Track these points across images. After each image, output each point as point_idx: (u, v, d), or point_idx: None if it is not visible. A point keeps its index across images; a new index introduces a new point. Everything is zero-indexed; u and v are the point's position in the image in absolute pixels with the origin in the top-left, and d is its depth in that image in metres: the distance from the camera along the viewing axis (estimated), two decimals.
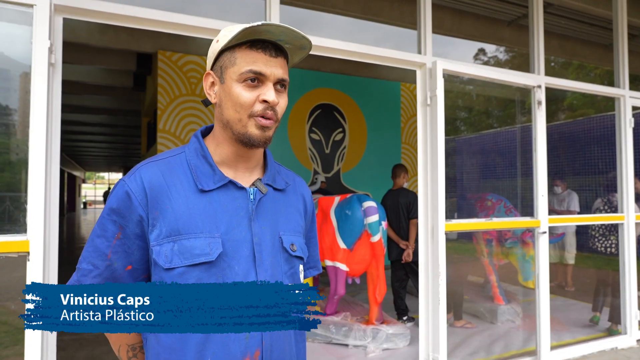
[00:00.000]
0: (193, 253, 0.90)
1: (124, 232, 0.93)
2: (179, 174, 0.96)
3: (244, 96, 0.92)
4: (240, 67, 0.93)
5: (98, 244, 0.93)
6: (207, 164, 0.97)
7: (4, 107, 2.31)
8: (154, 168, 0.96)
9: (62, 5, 2.14)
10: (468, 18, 4.76)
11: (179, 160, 0.98)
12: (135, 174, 0.95)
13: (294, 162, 6.83)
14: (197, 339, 0.89)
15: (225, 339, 0.89)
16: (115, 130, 14.02)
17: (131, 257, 0.94)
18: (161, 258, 0.91)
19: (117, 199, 0.93)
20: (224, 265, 0.91)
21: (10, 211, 2.11)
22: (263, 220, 0.98)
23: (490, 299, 4.88)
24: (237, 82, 0.93)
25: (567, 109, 8.98)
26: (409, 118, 7.93)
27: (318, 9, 4.15)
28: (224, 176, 0.97)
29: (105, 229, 0.93)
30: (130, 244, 0.94)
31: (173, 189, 0.94)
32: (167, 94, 5.97)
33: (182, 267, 0.89)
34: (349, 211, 4.02)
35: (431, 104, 3.17)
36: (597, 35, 5.27)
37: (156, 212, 0.92)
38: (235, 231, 0.94)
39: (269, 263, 0.97)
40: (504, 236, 4.83)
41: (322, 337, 4.02)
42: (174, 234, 0.91)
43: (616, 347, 3.94)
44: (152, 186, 0.93)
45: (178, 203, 0.93)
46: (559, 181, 6.04)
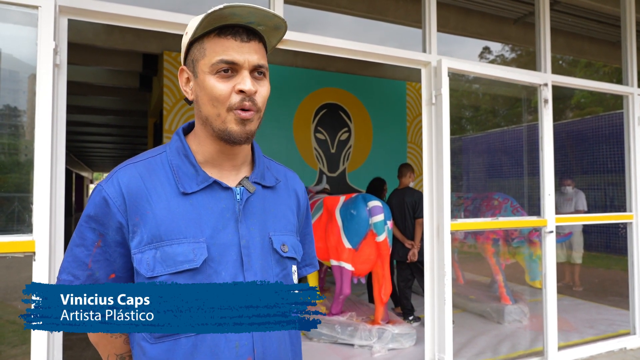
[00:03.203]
0: (176, 260, 0.85)
1: (104, 239, 0.88)
2: (159, 176, 0.90)
3: (218, 88, 0.86)
4: (211, 58, 0.86)
5: (77, 253, 0.89)
6: (190, 164, 0.91)
7: (12, 109, 2.33)
8: (132, 170, 0.90)
9: (67, 6, 2.15)
10: (473, 16, 4.73)
11: (159, 161, 0.93)
12: (112, 178, 0.89)
13: (299, 162, 6.83)
14: (184, 349, 0.84)
15: (214, 348, 0.85)
16: (122, 131, 14.10)
17: (113, 265, 0.89)
18: (143, 266, 0.85)
19: (94, 206, 0.88)
20: (209, 271, 0.86)
21: (18, 211, 2.12)
22: (251, 221, 0.93)
23: (497, 298, 4.85)
24: (210, 74, 0.86)
25: (575, 107, 8.90)
26: (414, 117, 7.90)
27: (323, 9, 4.15)
28: (208, 177, 0.91)
29: (84, 237, 0.88)
30: (112, 252, 0.89)
31: (153, 192, 0.88)
32: (173, 95, 5.99)
33: (165, 275, 0.84)
34: (354, 211, 4.01)
35: (436, 102, 3.15)
36: (604, 33, 5.22)
37: (136, 217, 0.87)
38: (221, 234, 0.89)
39: (259, 266, 0.91)
40: (510, 236, 4.80)
41: (328, 337, 4.02)
42: (155, 240, 0.86)
43: (625, 347, 3.90)
44: (131, 190, 0.88)
45: (159, 207, 0.87)
46: (569, 181, 5.99)
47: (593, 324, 4.51)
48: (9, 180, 2.27)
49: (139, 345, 0.88)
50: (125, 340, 0.97)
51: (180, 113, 6.02)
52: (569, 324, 4.53)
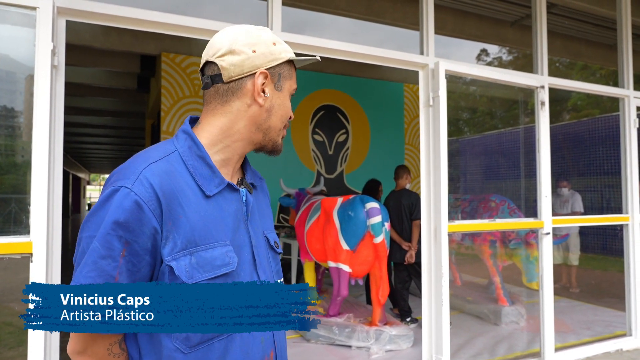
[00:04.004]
0: (214, 264, 0.84)
1: (130, 248, 0.79)
2: (183, 177, 0.86)
3: (290, 110, 1.01)
4: (293, 84, 1.00)
5: (104, 266, 0.78)
6: (206, 165, 0.89)
7: (9, 110, 2.33)
8: (158, 169, 0.83)
9: (65, 7, 2.15)
10: (471, 19, 4.75)
11: (175, 160, 0.88)
12: (140, 179, 0.81)
13: (297, 164, 6.83)
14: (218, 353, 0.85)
15: (244, 347, 0.88)
16: (120, 132, 14.08)
17: (135, 275, 0.81)
18: (182, 274, 0.81)
19: (124, 211, 0.78)
20: (234, 274, 0.88)
21: (15, 213, 2.12)
22: (254, 221, 0.97)
23: (494, 300, 4.86)
24: (289, 95, 1.00)
25: (571, 110, 8.94)
26: (412, 119, 7.92)
27: (321, 10, 4.16)
28: (224, 179, 0.91)
29: (112, 247, 0.78)
30: (138, 261, 0.81)
31: (182, 194, 0.84)
32: (171, 96, 5.98)
33: (205, 281, 0.82)
34: (351, 212, 4.01)
35: (434, 104, 3.16)
36: (601, 36, 5.25)
37: (170, 222, 0.82)
38: (237, 236, 0.91)
39: (266, 264, 0.97)
40: (507, 237, 4.81)
41: (325, 338, 4.02)
42: (190, 245, 0.83)
43: (621, 348, 3.92)
44: (165, 193, 0.82)
45: (190, 210, 0.84)
46: (565, 182, 6.01)
47: (590, 326, 4.53)
48: (6, 182, 2.26)
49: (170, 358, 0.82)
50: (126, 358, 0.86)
51: (178, 114, 6.01)
52: (565, 325, 4.54)
